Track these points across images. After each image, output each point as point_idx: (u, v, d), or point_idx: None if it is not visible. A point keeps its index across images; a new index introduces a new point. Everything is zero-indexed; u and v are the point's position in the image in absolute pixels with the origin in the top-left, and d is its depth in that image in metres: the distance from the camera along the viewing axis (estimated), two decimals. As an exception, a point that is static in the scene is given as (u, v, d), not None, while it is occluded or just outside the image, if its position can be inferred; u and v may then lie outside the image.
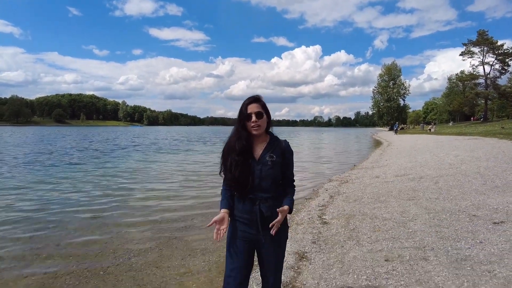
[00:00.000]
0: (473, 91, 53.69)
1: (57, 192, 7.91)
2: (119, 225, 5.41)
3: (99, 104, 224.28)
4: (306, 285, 3.00)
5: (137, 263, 3.89)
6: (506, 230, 3.72)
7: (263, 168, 1.86)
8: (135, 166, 13.24)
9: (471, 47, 53.26)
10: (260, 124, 1.86)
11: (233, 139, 1.91)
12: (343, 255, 3.58)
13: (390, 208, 5.28)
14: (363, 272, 3.09)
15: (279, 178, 1.93)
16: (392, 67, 70.91)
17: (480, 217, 4.28)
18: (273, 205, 1.87)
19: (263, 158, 1.88)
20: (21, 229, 5.17)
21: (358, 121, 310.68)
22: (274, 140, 1.96)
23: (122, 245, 4.50)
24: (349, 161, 15.16)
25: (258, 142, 1.93)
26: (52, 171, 11.52)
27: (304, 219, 5.26)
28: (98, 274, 3.66)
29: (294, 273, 3.29)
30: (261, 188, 1.86)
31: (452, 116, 71.02)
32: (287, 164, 1.96)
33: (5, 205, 6.70)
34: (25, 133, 53.06)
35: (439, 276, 2.80)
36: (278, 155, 1.90)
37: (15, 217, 5.79)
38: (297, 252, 3.81)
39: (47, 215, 5.97)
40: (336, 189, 7.54)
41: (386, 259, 3.31)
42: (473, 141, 17.75)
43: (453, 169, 8.37)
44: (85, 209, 6.40)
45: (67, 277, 3.58)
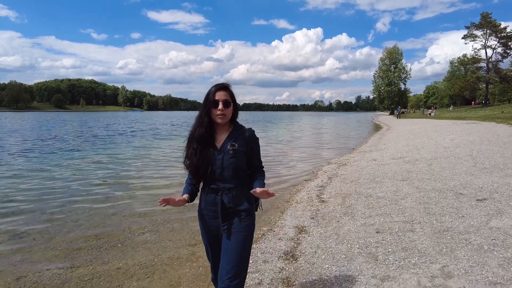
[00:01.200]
0: (474, 75, 53.39)
1: (74, 174, 8.29)
2: (130, 204, 5.79)
3: (99, 89, 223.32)
4: (304, 253, 3.38)
5: (151, 237, 4.27)
6: (487, 206, 4.08)
7: (224, 157, 1.80)
8: (145, 151, 13.60)
9: (474, 30, 52.61)
10: (226, 113, 1.80)
11: (195, 125, 1.87)
12: (338, 228, 3.95)
13: (384, 188, 5.64)
14: (356, 242, 3.46)
15: (243, 167, 1.87)
16: (394, 51, 70.23)
17: (466, 195, 4.64)
18: (237, 196, 1.83)
19: (224, 147, 1.82)
20: (45, 207, 5.56)
21: (359, 106, 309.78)
22: (238, 128, 1.90)
23: (135, 222, 4.88)
24: (348, 145, 15.49)
25: (221, 131, 1.88)
26: (64, 156, 11.89)
27: (304, 198, 5.63)
28: (116, 246, 4.04)
29: (294, 243, 3.67)
30: (223, 178, 1.81)
31: (453, 100, 70.86)
32: (251, 152, 1.89)
33: (31, 184, 7.08)
34: (26, 119, 53.26)
35: (423, 244, 3.17)
36: (241, 144, 1.84)
37: (41, 194, 6.17)
38: (297, 226, 4.19)
39: (66, 195, 6.35)
40: (335, 171, 7.89)
41: (377, 231, 3.68)
42: (471, 126, 18.01)
43: (447, 152, 8.71)
44: (97, 190, 6.78)
45: (89, 250, 3.96)
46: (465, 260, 2.74)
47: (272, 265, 3.17)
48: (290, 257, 3.32)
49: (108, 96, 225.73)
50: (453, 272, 2.58)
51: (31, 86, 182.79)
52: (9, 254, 3.85)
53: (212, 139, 1.84)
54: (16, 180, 7.69)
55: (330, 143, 17.48)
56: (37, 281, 3.23)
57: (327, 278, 2.77)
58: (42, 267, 3.51)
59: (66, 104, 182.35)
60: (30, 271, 3.43)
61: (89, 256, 3.77)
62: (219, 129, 1.87)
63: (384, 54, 71.67)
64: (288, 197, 5.95)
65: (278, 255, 3.37)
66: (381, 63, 71.98)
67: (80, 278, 3.27)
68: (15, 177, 8.03)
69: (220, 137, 1.86)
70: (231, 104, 1.82)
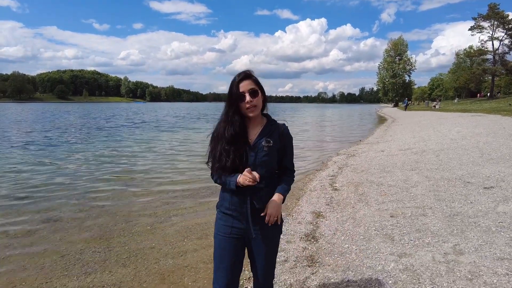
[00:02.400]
0: (480, 67, 53.03)
1: (95, 164, 8.61)
2: (152, 192, 6.10)
3: (101, 80, 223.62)
4: (324, 235, 3.66)
5: (178, 221, 4.57)
6: (494, 193, 4.34)
7: (258, 154, 1.64)
8: (157, 143, 13.91)
9: (481, 21, 52.05)
10: (256, 104, 1.63)
11: (223, 124, 1.67)
12: (354, 213, 4.23)
13: (394, 177, 5.90)
14: (372, 225, 3.74)
15: (275, 166, 1.74)
16: (399, 42, 69.66)
17: (473, 183, 4.90)
18: (267, 197, 1.69)
19: (258, 143, 1.66)
20: (70, 195, 5.87)
21: (363, 97, 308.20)
22: (272, 123, 1.75)
23: (159, 208, 5.18)
24: (355, 137, 15.72)
25: (253, 126, 1.71)
26: (83, 147, 12.23)
27: (317, 186, 5.90)
28: (146, 229, 4.34)
29: (313, 226, 3.95)
30: None
31: (458, 92, 70.49)
32: (284, 150, 1.75)
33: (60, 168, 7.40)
34: (33, 110, 53.67)
35: (435, 226, 3.44)
36: (275, 140, 1.68)
37: (67, 182, 6.49)
38: (314, 212, 4.47)
39: (90, 183, 6.66)
40: (344, 162, 8.15)
41: (392, 215, 3.95)
42: (476, 118, 18.14)
43: (454, 144, 8.93)
44: (120, 177, 7.10)
45: (121, 231, 4.27)
46: (475, 240, 3.01)
47: (295, 245, 3.45)
48: (311, 238, 3.60)
49: (111, 87, 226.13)
50: (464, 249, 2.85)
51: (34, 77, 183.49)
52: (48, 235, 4.16)
53: (245, 135, 1.67)
54: (40, 168, 8.01)
55: (337, 134, 17.72)
56: (79, 258, 3.54)
57: (349, 256, 3.05)
58: (81, 247, 3.81)
59: (68, 95, 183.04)
60: (71, 250, 3.74)
61: (122, 238, 4.07)
62: (251, 123, 1.71)
63: (389, 45, 71.16)
64: (302, 185, 6.22)
65: (300, 237, 3.65)
66: (386, 55, 71.52)
67: (118, 256, 3.58)
68: (39, 165, 8.36)
69: (253, 132, 1.70)
70: (258, 93, 1.64)
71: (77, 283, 3.03)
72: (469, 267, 2.57)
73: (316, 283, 2.66)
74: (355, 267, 2.82)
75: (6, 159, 9.38)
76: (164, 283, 3.01)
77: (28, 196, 5.75)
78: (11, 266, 3.36)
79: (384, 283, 2.50)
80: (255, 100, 1.61)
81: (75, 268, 3.32)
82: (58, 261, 3.46)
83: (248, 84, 1.61)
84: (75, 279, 3.10)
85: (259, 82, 1.67)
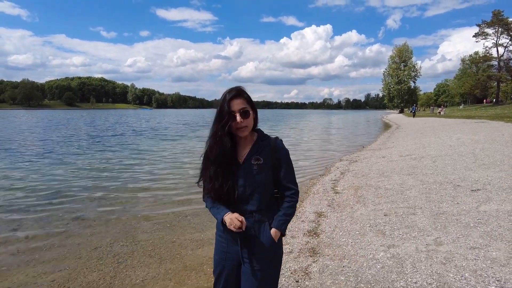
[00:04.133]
0: (485, 74, 53.16)
1: (126, 173, 9.20)
2: (168, 195, 6.63)
3: (108, 87, 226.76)
4: (324, 231, 4.14)
5: (194, 219, 5.09)
6: (479, 195, 4.79)
7: (248, 174, 1.54)
8: (171, 149, 14.51)
9: (485, 28, 52.34)
10: (246, 124, 1.53)
11: (211, 143, 1.58)
12: (352, 213, 4.70)
13: (391, 181, 6.36)
14: (367, 222, 4.21)
15: (270, 186, 1.60)
16: (404, 49, 70.15)
17: (462, 186, 5.35)
18: (261, 220, 1.57)
19: (247, 161, 1.56)
20: (93, 196, 6.44)
21: (368, 104, 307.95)
22: (263, 138, 1.63)
23: (175, 208, 5.70)
24: (358, 143, 16.16)
25: (243, 144, 1.61)
26: (105, 152, 12.87)
27: (320, 190, 6.38)
28: (166, 226, 4.87)
29: (315, 224, 4.43)
30: (245, 199, 1.55)
31: (464, 99, 70.44)
32: (279, 166, 1.60)
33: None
34: (44, 117, 54.90)
35: (422, 223, 3.91)
36: (266, 157, 1.57)
37: (90, 183, 7.06)
38: (316, 212, 4.95)
39: (112, 185, 7.23)
40: (346, 167, 8.61)
41: (385, 214, 4.43)
42: (479, 125, 18.44)
43: (452, 150, 9.35)
44: (138, 180, 7.66)
45: (144, 228, 4.79)
46: (454, 234, 3.48)
47: (299, 239, 3.94)
48: (313, 234, 4.09)
49: (118, 94, 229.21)
50: (444, 241, 3.32)
51: (42, 84, 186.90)
52: (79, 231, 4.70)
53: (234, 154, 1.57)
54: (61, 172, 8.61)
55: (341, 141, 18.16)
56: (110, 250, 4.06)
57: (345, 247, 3.53)
58: (110, 241, 4.34)
59: (76, 102, 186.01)
60: (101, 243, 4.27)
61: (146, 235, 4.59)
62: (241, 141, 1.61)
63: (394, 52, 71.70)
64: (306, 189, 6.71)
65: (303, 233, 4.14)
66: (390, 61, 72.04)
67: (144, 248, 4.10)
68: (60, 169, 8.97)
69: (242, 150, 1.60)
70: (250, 113, 1.54)
71: (111, 268, 3.55)
72: (445, 254, 3.03)
73: (316, 269, 3.14)
74: (350, 256, 3.30)
75: (31, 164, 10.02)
76: (187, 270, 3.52)
77: (55, 198, 6.32)
78: (54, 255, 3.91)
79: (373, 267, 2.98)
80: (245, 121, 1.51)
81: (107, 257, 3.85)
82: (92, 252, 4.00)
83: (239, 104, 1.51)
84: (109, 265, 3.62)
85: (251, 100, 1.57)
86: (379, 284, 2.69)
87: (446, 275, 2.68)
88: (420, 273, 2.76)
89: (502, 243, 3.16)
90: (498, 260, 2.82)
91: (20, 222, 5.05)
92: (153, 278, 3.36)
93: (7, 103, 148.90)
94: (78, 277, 3.40)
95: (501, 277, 2.56)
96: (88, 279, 3.34)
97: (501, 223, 3.64)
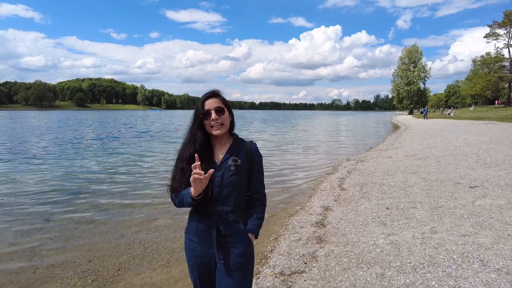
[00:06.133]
0: (497, 75, 52.56)
1: (138, 166, 9.73)
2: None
3: (118, 88, 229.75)
4: (330, 222, 4.52)
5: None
6: (477, 191, 5.11)
7: (225, 174, 1.57)
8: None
9: (497, 28, 51.77)
10: (222, 121, 1.58)
11: (185, 143, 1.63)
12: (357, 207, 5.07)
13: (395, 179, 6.70)
14: (370, 215, 4.58)
15: (244, 187, 1.65)
16: (413, 50, 69.80)
17: (462, 183, 5.66)
18: (234, 221, 1.60)
19: (224, 162, 1.59)
20: (115, 190, 6.92)
21: (378, 105, 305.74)
22: (239, 141, 1.69)
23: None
24: (366, 144, 16.44)
25: (219, 145, 1.65)
26: (126, 150, 13.46)
27: (327, 187, 6.75)
28: (187, 214, 5.30)
29: (322, 217, 4.81)
30: (221, 199, 1.57)
31: (475, 100, 69.64)
32: (253, 169, 1.66)
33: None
34: (61, 117, 56.26)
35: (420, 215, 4.27)
36: (243, 159, 1.62)
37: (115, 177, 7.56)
38: (323, 206, 5.33)
39: (131, 180, 7.72)
40: (353, 166, 8.95)
41: (387, 208, 4.78)
42: (487, 126, 18.52)
43: (457, 151, 9.61)
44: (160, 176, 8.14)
45: (164, 220, 5.23)
46: (448, 224, 3.83)
47: (307, 229, 4.32)
48: (320, 225, 4.47)
49: (127, 95, 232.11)
50: (438, 230, 3.68)
51: (54, 86, 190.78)
52: (106, 221, 5.16)
53: (210, 154, 1.61)
54: (80, 169, 9.16)
55: (349, 142, 18.46)
56: (137, 237, 4.51)
57: (349, 236, 3.91)
58: (136, 230, 4.79)
59: (87, 103, 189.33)
60: (128, 231, 4.72)
61: (167, 221, 5.04)
62: (218, 143, 1.65)
63: (403, 53, 71.38)
64: (314, 186, 7.08)
65: (311, 224, 4.53)
66: (400, 62, 71.72)
67: (166, 236, 4.54)
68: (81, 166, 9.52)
69: (219, 151, 1.64)
70: (225, 111, 1.60)
71: (139, 252, 4.00)
72: (438, 240, 3.39)
73: (322, 253, 3.53)
74: (353, 243, 3.68)
75: (58, 159, 10.62)
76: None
77: (79, 192, 6.83)
78: (86, 241, 4.37)
79: (373, 251, 3.36)
80: (220, 118, 1.57)
81: (134, 243, 4.29)
82: (120, 238, 4.45)
83: (214, 102, 1.59)
84: (137, 249, 4.07)
85: (226, 102, 1.64)
86: (377, 264, 3.06)
87: (437, 256, 3.04)
88: (414, 256, 3.13)
89: (490, 231, 3.51)
90: (484, 245, 3.17)
91: (51, 213, 5.55)
92: (177, 260, 3.79)
93: (20, 104, 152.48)
94: (111, 258, 3.85)
95: (484, 258, 2.91)
96: (120, 261, 3.79)
97: (492, 215, 3.98)
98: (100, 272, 3.55)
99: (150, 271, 3.56)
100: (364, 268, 3.03)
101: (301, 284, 2.87)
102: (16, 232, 4.71)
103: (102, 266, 3.67)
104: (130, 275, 3.46)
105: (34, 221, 5.17)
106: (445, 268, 2.81)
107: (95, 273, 3.53)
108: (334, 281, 2.86)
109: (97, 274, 3.51)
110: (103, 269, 3.61)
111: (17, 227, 4.89)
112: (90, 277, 3.45)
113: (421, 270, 2.84)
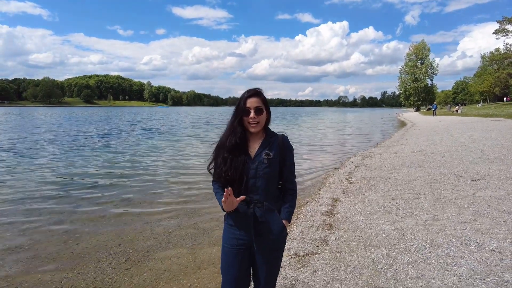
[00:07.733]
0: (506, 71, 52.02)
1: (147, 175, 10.14)
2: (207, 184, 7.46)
3: (125, 84, 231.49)
4: (339, 212, 4.85)
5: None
6: (478, 184, 5.40)
7: (258, 166, 1.71)
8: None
9: (506, 24, 51.15)
10: (259, 121, 1.72)
11: (226, 134, 1.78)
12: (364, 198, 5.39)
13: (401, 173, 6.99)
14: (377, 205, 4.90)
15: (277, 178, 1.80)
16: (421, 46, 69.27)
17: (464, 177, 5.95)
18: (269, 209, 1.75)
19: (259, 155, 1.73)
20: (142, 185, 7.33)
21: (384, 101, 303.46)
22: (271, 135, 1.82)
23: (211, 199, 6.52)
24: (373, 140, 16.68)
25: (253, 139, 1.79)
26: (145, 146, 13.93)
27: (335, 180, 7.07)
28: (207, 198, 5.67)
29: (331, 207, 5.14)
30: (256, 189, 1.72)
31: (484, 97, 68.96)
32: (285, 161, 1.80)
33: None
34: (72, 114, 57.11)
35: (424, 205, 4.58)
36: (275, 152, 1.75)
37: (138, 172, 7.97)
38: (332, 197, 5.66)
39: (159, 177, 8.12)
40: (360, 162, 9.25)
41: (393, 198, 5.10)
42: (494, 123, 18.60)
43: (462, 147, 9.84)
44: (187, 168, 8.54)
45: (186, 204, 5.61)
46: (449, 212, 4.14)
47: (317, 218, 4.66)
48: (330, 214, 4.80)
49: (134, 91, 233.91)
50: (440, 218, 3.99)
51: (62, 82, 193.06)
52: (130, 210, 5.56)
53: (246, 147, 1.76)
54: (97, 164, 9.60)
55: (356, 139, 18.71)
56: (160, 224, 4.89)
57: (357, 223, 4.24)
58: (159, 217, 5.17)
59: (94, 99, 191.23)
60: (152, 219, 5.10)
61: (188, 209, 5.42)
62: (252, 137, 1.80)
63: (410, 49, 70.87)
64: (322, 179, 7.41)
65: (321, 213, 4.87)
66: (407, 59, 71.24)
67: (188, 223, 4.92)
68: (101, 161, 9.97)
69: (253, 145, 1.78)
70: (263, 111, 1.74)
71: (164, 237, 4.38)
72: (439, 227, 3.71)
73: (333, 238, 3.87)
74: (361, 229, 4.01)
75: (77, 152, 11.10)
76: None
77: (100, 185, 7.26)
78: (113, 228, 4.77)
79: (379, 236, 3.69)
80: (258, 118, 1.71)
81: (159, 228, 4.68)
82: (145, 226, 4.84)
83: (255, 102, 1.71)
84: (162, 234, 4.46)
85: (266, 101, 1.77)
86: (384, 246, 3.40)
87: (437, 239, 3.36)
88: (417, 239, 3.45)
89: (487, 218, 3.82)
90: (481, 230, 3.49)
91: (78, 202, 5.98)
92: (199, 244, 4.17)
93: (28, 100, 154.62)
94: (139, 242, 4.24)
95: (480, 240, 3.23)
96: (148, 244, 4.18)
97: (491, 205, 4.28)
98: (131, 253, 3.94)
99: (176, 252, 3.94)
100: (371, 250, 3.36)
101: (314, 264, 3.22)
102: (48, 219, 5.14)
103: (132, 249, 4.06)
104: (159, 256, 3.85)
105: (64, 208, 5.59)
106: (444, 249, 3.14)
107: (126, 254, 3.92)
108: (344, 261, 3.20)
109: (128, 255, 3.91)
110: (133, 251, 4.00)
111: (47, 216, 5.32)
112: (123, 257, 3.85)
113: (422, 251, 3.17)
